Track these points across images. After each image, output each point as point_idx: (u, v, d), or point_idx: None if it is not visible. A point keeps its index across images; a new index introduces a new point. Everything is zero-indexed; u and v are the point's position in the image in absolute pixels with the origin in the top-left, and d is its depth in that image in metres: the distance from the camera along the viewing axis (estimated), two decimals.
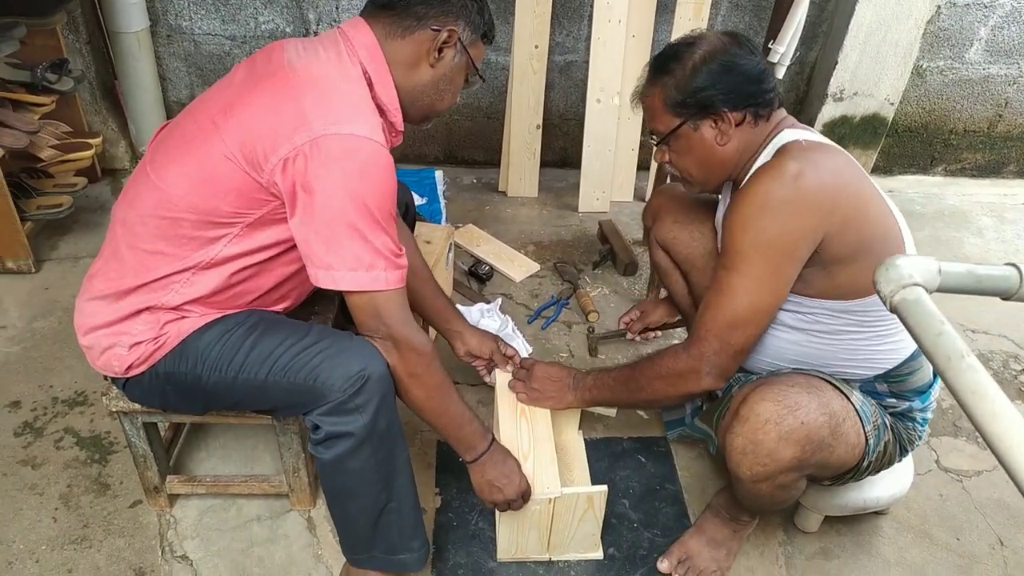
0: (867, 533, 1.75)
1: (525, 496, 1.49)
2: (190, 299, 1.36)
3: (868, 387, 1.49)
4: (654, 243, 1.88)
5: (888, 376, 1.47)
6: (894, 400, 1.49)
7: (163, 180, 1.31)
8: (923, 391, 1.50)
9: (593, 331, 2.23)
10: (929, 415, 1.54)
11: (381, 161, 1.24)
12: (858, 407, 1.42)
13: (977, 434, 1.97)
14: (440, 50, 1.34)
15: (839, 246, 1.34)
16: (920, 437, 1.54)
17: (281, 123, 1.22)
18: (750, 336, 1.40)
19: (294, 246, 1.31)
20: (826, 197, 1.32)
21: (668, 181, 2.10)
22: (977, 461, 1.94)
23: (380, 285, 1.27)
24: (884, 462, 1.50)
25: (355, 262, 1.24)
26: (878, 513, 1.76)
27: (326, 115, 1.22)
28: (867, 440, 1.43)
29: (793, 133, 1.41)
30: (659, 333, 2.13)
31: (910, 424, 1.51)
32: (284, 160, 1.21)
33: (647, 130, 1.51)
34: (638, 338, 2.08)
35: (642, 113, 1.51)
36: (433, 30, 1.32)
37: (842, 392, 1.42)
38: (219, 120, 1.28)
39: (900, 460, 1.55)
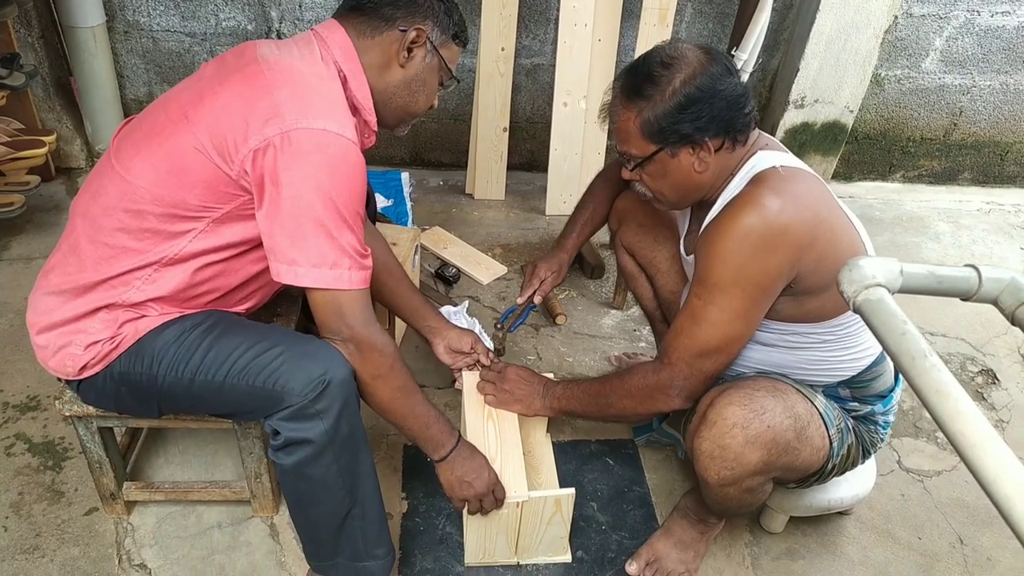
0: (832, 533, 1.77)
1: (496, 492, 1.48)
2: (152, 297, 1.32)
3: (831, 392, 1.51)
4: (619, 247, 1.88)
5: (851, 382, 1.49)
6: (856, 404, 1.52)
7: (129, 171, 1.28)
8: (884, 395, 1.52)
9: (502, 328, 1.97)
10: (891, 418, 1.56)
11: (351, 158, 1.23)
12: (822, 411, 1.44)
13: (938, 435, 2.02)
14: (410, 50, 1.35)
15: (814, 279, 1.34)
16: (882, 439, 1.56)
17: (253, 113, 1.21)
18: (720, 364, 1.41)
19: (260, 244, 1.28)
20: (805, 234, 1.30)
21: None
22: (937, 461, 1.98)
23: (343, 284, 1.25)
24: (848, 464, 1.52)
25: (319, 258, 1.22)
26: (842, 513, 1.78)
27: (299, 108, 1.21)
28: (831, 443, 1.44)
29: (768, 157, 1.38)
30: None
31: (872, 427, 1.54)
32: (254, 151, 1.20)
33: (620, 151, 1.44)
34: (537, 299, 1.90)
35: (609, 126, 1.44)
36: (400, 30, 1.33)
37: (806, 396, 1.44)
38: (190, 111, 1.26)
39: (863, 462, 1.57)
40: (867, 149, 3.18)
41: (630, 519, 1.76)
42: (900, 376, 1.51)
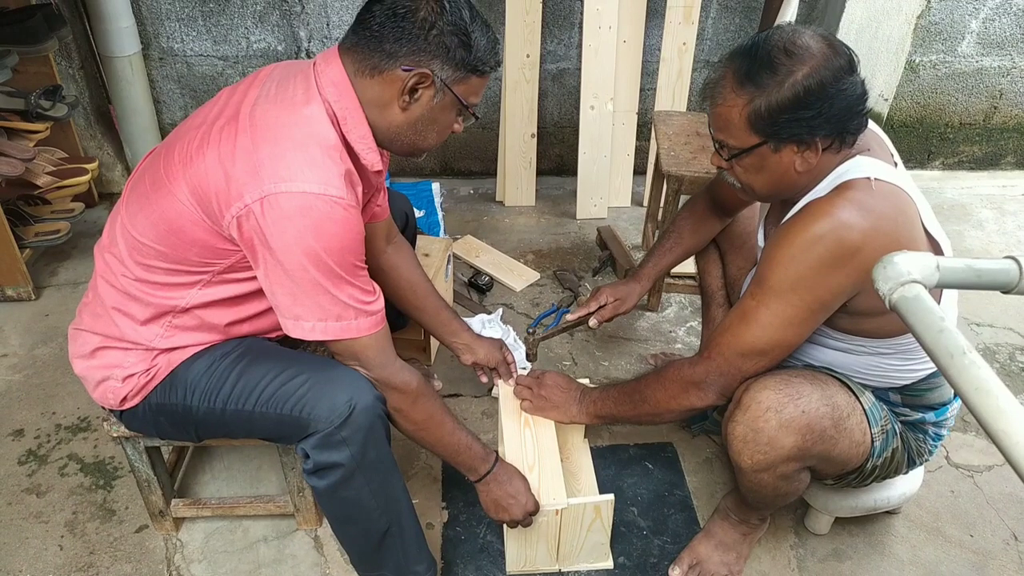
0: (879, 533, 1.73)
1: (534, 513, 1.48)
2: (176, 346, 1.35)
3: (881, 395, 1.47)
4: None
5: (904, 389, 1.45)
6: (907, 409, 1.47)
7: (135, 227, 1.29)
8: (938, 407, 1.47)
9: (534, 333, 1.92)
10: (944, 432, 1.51)
11: (336, 216, 1.17)
12: (867, 408, 1.40)
13: None
14: (414, 91, 1.21)
15: (875, 301, 1.26)
16: (931, 452, 1.51)
17: (233, 177, 1.18)
18: (761, 367, 1.37)
19: None
20: (873, 258, 1.18)
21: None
22: (987, 456, 1.93)
23: (352, 333, 1.26)
24: (890, 470, 1.48)
25: (322, 313, 1.23)
26: (889, 512, 1.74)
27: (277, 170, 1.16)
28: (873, 441, 1.41)
29: (866, 165, 1.27)
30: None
31: (921, 436, 1.49)
32: (237, 218, 1.18)
33: (717, 138, 1.33)
34: (593, 323, 1.84)
35: (711, 111, 1.32)
36: (404, 71, 1.19)
37: (850, 390, 1.41)
38: (179, 173, 1.24)
39: (907, 472, 1.53)
40: (904, 137, 3.10)
41: (671, 523, 1.74)
42: None
